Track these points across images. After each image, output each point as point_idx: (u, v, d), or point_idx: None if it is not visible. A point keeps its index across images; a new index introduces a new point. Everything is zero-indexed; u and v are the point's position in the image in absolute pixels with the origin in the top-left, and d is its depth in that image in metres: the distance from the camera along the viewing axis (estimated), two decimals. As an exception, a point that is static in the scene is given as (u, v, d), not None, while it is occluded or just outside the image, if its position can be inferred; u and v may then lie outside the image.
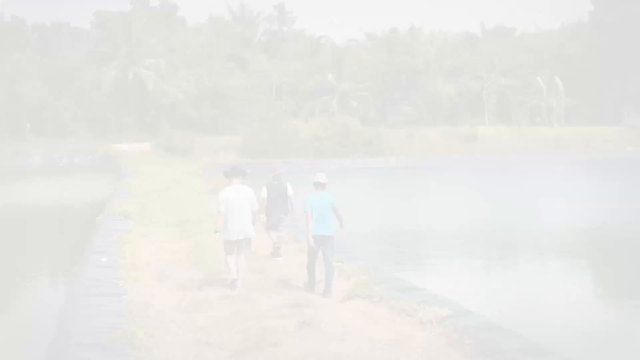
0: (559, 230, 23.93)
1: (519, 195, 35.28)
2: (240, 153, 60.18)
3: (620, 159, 66.27)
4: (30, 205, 31.56)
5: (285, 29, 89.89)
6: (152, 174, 39.47)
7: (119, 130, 71.78)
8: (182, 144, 60.83)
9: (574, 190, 37.47)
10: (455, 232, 23.93)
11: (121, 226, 19.18)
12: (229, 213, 12.22)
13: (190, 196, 27.60)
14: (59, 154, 63.22)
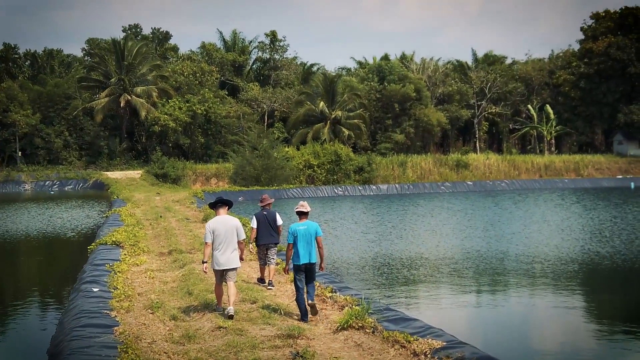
0: (550, 258, 23.94)
1: (509, 222, 35.32)
2: (232, 180, 60.21)
3: (611, 187, 66.62)
4: (20, 233, 31.41)
5: (277, 57, 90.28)
6: (144, 201, 39.41)
7: (111, 157, 71.76)
8: (173, 172, 60.80)
9: (563, 218, 37.56)
10: (447, 260, 23.93)
11: (112, 255, 19.09)
12: (215, 243, 12.43)
13: (182, 224, 27.55)
14: (50, 181, 63.12)
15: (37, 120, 69.44)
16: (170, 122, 70.52)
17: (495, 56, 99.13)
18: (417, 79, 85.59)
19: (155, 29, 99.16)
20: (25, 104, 69.76)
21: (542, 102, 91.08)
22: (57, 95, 72.51)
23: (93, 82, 75.37)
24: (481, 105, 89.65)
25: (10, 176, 63.58)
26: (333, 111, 74.39)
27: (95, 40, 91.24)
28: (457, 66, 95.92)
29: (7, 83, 72.85)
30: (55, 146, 69.69)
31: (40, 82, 78.59)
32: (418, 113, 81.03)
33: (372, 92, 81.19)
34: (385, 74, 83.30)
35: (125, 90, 71.86)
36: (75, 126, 71.60)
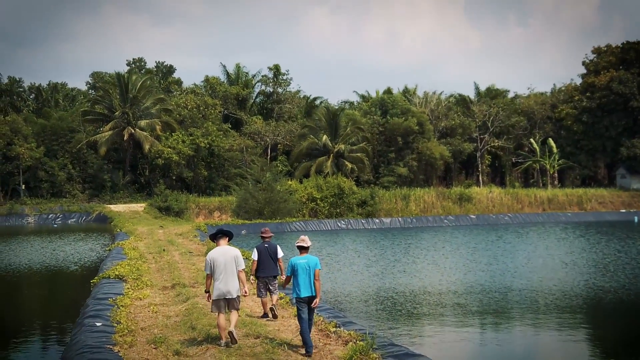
0: (554, 292, 23.85)
1: (513, 256, 35.22)
2: (235, 213, 60.20)
3: (614, 221, 66.49)
4: (23, 266, 31.37)
5: (280, 91, 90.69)
6: (147, 235, 39.38)
7: (114, 190, 71.85)
8: (176, 205, 60.83)
9: (567, 252, 37.46)
10: (450, 294, 23.85)
11: (116, 289, 19.05)
12: (215, 273, 12.59)
13: (185, 258, 27.51)
14: (54, 214, 63.15)
15: (41, 154, 69.64)
16: (173, 155, 70.71)
17: (497, 90, 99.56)
18: (420, 112, 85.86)
19: (160, 62, 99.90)
20: (29, 137, 70.02)
21: (544, 135, 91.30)
22: (61, 129, 72.77)
23: (97, 116, 75.67)
24: (484, 139, 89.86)
25: (13, 209, 63.60)
26: (336, 144, 74.56)
27: (100, 74, 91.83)
28: (459, 100, 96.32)
29: (11, 116, 73.17)
30: (58, 179, 69.82)
31: (44, 116, 78.92)
32: (421, 146, 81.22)
33: (375, 126, 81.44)
34: (388, 108, 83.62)
35: (129, 124, 72.13)
36: (79, 159, 71.78)
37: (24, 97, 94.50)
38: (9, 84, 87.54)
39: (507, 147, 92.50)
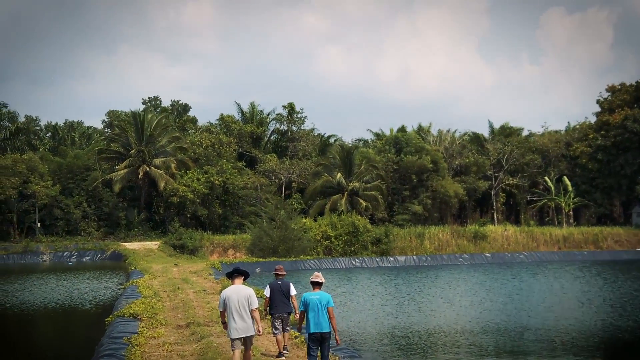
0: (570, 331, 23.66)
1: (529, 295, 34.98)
2: (249, 251, 60.18)
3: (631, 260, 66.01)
4: (38, 304, 31.41)
5: (294, 129, 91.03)
6: (161, 273, 39.41)
7: (129, 228, 72.03)
8: (191, 243, 60.90)
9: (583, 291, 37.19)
10: (466, 333, 23.69)
11: (130, 328, 19.06)
12: (228, 312, 12.85)
13: (200, 296, 27.50)
14: (69, 252, 63.31)
15: (57, 192, 70.00)
16: (188, 193, 70.96)
17: (511, 128, 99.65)
18: (434, 150, 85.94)
19: (175, 101, 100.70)
20: (45, 176, 70.45)
21: (559, 173, 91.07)
22: (76, 167, 73.22)
23: (112, 154, 76.10)
24: (498, 177, 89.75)
25: (29, 247, 63.80)
26: (350, 182, 74.64)
27: (116, 112, 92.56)
28: (473, 138, 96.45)
29: (28, 155, 73.71)
30: (74, 217, 70.10)
31: (60, 154, 79.50)
32: (435, 184, 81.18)
33: (389, 164, 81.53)
34: (402, 146, 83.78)
35: (145, 162, 72.52)
36: (94, 197, 72.11)
37: (40, 136, 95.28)
38: (25, 123, 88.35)
39: (522, 185, 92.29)
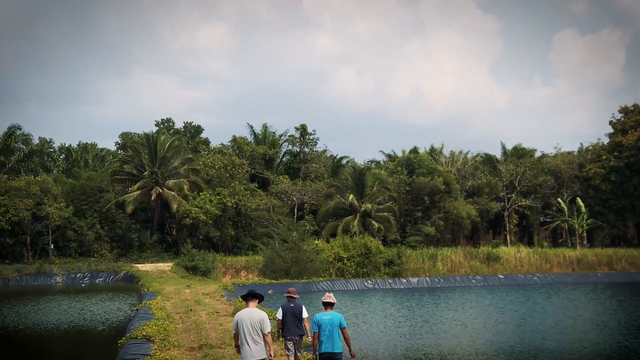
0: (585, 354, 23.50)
1: (542, 317, 34.80)
2: (261, 273, 60.12)
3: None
4: (51, 326, 31.47)
5: (306, 150, 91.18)
6: (174, 294, 39.44)
7: (141, 250, 72.16)
8: (203, 264, 60.91)
9: (598, 313, 36.95)
10: (480, 356, 23.57)
11: (143, 350, 19.06)
12: (241, 335, 12.90)
13: (212, 318, 27.49)
14: (82, 273, 63.43)
15: (70, 213, 70.23)
16: (201, 214, 71.07)
17: (524, 149, 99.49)
18: (447, 171, 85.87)
19: (188, 123, 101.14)
20: (58, 197, 70.72)
21: (572, 195, 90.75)
22: (90, 189, 73.49)
23: (126, 175, 76.37)
24: (511, 198, 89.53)
25: (42, 269, 63.90)
26: (362, 204, 74.60)
27: (129, 134, 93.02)
28: (486, 159, 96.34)
29: (41, 177, 74.07)
30: (87, 239, 70.27)
31: (74, 176, 79.85)
32: (448, 206, 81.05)
33: (401, 185, 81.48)
34: (415, 167, 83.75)
35: (157, 184, 72.74)
36: (107, 219, 72.30)
37: (54, 158, 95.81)
38: (39, 145, 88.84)
39: (535, 207, 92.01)
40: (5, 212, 65.16)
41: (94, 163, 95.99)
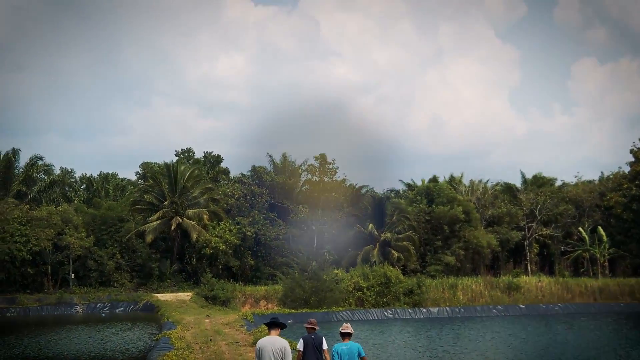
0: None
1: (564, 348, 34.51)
2: (281, 302, 60.05)
3: (669, 311, 64.88)
4: (71, 356, 31.55)
5: (326, 179, 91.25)
6: (194, 324, 39.45)
7: (161, 279, 72.29)
8: (223, 294, 60.91)
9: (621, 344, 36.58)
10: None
11: (163, 380, 19.09)
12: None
13: (232, 348, 27.47)
14: (102, 303, 63.61)
15: (91, 243, 70.51)
16: (220, 244, 71.20)
17: (544, 178, 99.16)
18: (466, 200, 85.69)
19: (207, 152, 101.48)
20: (79, 227, 71.04)
21: (593, 224, 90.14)
22: (110, 218, 73.82)
23: (146, 205, 76.68)
24: (531, 227, 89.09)
25: (62, 298, 64.14)
26: (382, 233, 74.51)
27: (149, 164, 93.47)
28: (505, 188, 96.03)
29: (63, 207, 74.49)
30: (107, 268, 70.47)
31: (94, 205, 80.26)
32: (468, 235, 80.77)
33: (420, 214, 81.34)
34: (434, 196, 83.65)
35: (177, 213, 72.99)
36: (128, 248, 72.53)
37: (75, 188, 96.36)
38: (61, 175, 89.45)
39: (556, 236, 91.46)
40: (26, 242, 65.55)
41: (115, 193, 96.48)
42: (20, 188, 76.70)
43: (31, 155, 79.15)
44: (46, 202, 79.40)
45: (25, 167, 77.47)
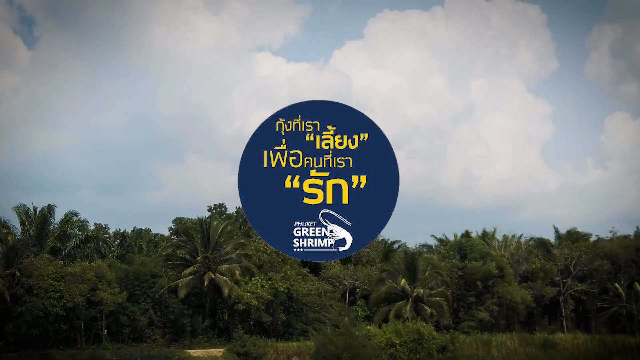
0: None
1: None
2: (313, 359, 59.66)
3: None
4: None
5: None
6: (225, 380, 39.32)
7: (193, 335, 72.21)
8: (255, 350, 60.75)
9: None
10: None
11: None
12: None
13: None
14: (134, 359, 63.65)
15: (124, 299, 70.74)
16: (253, 300, 71.13)
17: (578, 233, 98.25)
18: (499, 256, 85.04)
19: (240, 208, 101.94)
20: (112, 283, 71.38)
21: (630, 280, 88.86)
22: (143, 274, 74.13)
23: (178, 260, 76.98)
24: (566, 283, 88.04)
25: (95, 354, 64.32)
26: (414, 289, 74.00)
27: (182, 220, 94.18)
28: (539, 243, 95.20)
29: (96, 262, 75.06)
30: (140, 324, 70.58)
31: (128, 261, 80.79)
32: (501, 291, 79.96)
33: (453, 270, 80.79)
34: (467, 251, 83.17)
35: (210, 269, 73.15)
36: (160, 304, 72.67)
37: (109, 243, 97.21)
38: (95, 231, 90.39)
39: (592, 292, 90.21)
40: (60, 297, 66.05)
41: (148, 248, 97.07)
42: (55, 244, 77.49)
43: (66, 211, 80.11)
44: (80, 257, 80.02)
45: (60, 223, 78.37)
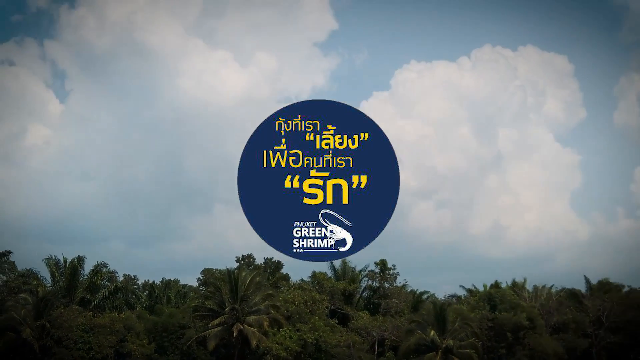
0: None
1: None
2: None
3: None
4: None
5: (386, 285, 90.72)
6: None
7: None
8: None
9: None
10: None
11: None
12: None
13: None
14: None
15: (152, 350, 70.73)
16: (281, 351, 70.74)
17: (610, 283, 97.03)
18: (530, 307, 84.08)
19: (268, 259, 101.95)
20: (141, 334, 71.48)
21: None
22: (171, 325, 74.16)
23: (207, 312, 76.85)
24: (599, 335, 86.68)
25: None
26: (444, 340, 73.18)
27: (210, 270, 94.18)
28: (570, 294, 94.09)
29: (125, 313, 75.26)
30: (168, 376, 70.54)
31: (156, 312, 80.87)
32: (532, 342, 78.86)
33: (483, 321, 79.90)
34: (497, 302, 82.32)
35: (238, 320, 72.95)
36: (189, 355, 72.51)
37: (137, 295, 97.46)
38: (124, 282, 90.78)
39: (625, 344, 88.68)
40: (89, 349, 66.19)
41: (177, 299, 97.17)
42: (85, 295, 77.91)
43: (96, 263, 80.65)
44: (109, 308, 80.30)
45: (89, 274, 78.88)
